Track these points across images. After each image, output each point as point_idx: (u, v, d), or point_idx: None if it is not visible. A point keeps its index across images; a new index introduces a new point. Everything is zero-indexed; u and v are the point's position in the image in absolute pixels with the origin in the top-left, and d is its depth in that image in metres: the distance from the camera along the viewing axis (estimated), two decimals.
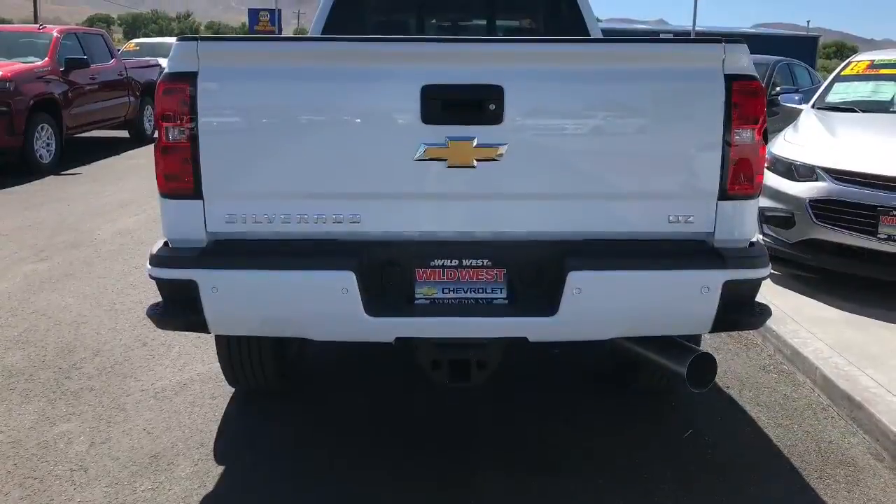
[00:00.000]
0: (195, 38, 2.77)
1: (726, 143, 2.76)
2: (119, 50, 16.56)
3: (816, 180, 5.52)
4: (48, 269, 6.19)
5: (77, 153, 12.28)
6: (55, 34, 12.02)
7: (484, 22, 5.87)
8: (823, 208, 5.44)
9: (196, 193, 2.78)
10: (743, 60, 2.77)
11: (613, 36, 4.91)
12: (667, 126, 2.79)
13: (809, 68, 14.38)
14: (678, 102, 2.81)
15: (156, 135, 2.81)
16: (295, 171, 2.79)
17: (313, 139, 2.78)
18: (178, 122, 2.72)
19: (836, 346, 4.47)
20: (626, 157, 2.80)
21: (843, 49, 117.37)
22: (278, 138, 2.77)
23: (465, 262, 2.87)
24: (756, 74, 2.82)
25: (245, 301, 2.80)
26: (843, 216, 5.34)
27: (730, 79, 2.74)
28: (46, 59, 11.35)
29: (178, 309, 2.84)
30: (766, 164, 3.36)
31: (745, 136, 2.77)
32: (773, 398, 4.08)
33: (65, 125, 11.41)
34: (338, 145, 2.75)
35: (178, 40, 2.80)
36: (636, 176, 2.82)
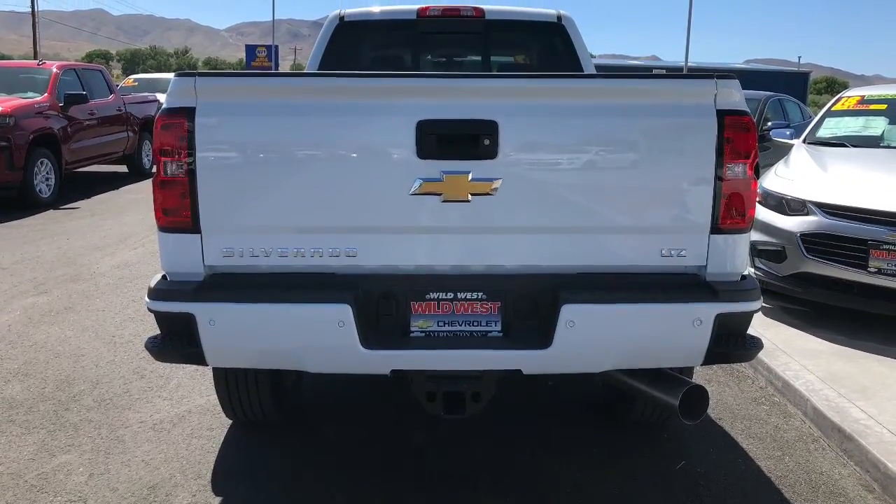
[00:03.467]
0: (193, 74, 2.84)
1: (718, 178, 2.83)
2: (118, 85, 16.73)
3: (807, 214, 5.60)
4: (47, 302, 6.23)
5: (76, 188, 12.39)
6: (54, 70, 12.18)
7: (479, 58, 5.97)
8: (814, 242, 5.51)
9: (194, 227, 2.84)
10: (735, 95, 2.85)
11: (607, 71, 5.03)
12: (659, 161, 2.85)
13: (800, 104, 14.56)
14: (671, 137, 2.87)
15: (154, 169, 2.87)
16: (292, 205, 2.84)
17: (310, 174, 2.84)
18: (177, 156, 2.79)
19: (827, 379, 4.52)
20: (619, 192, 2.86)
21: (834, 84, 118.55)
22: (275, 173, 2.83)
23: (461, 296, 2.93)
24: (748, 109, 2.89)
25: (242, 334, 2.85)
26: (833, 250, 5.41)
27: (722, 114, 2.81)
28: (46, 94, 11.49)
29: (176, 341, 2.89)
30: (757, 199, 3.44)
31: (736, 170, 2.84)
32: (764, 430, 4.12)
33: (64, 160, 11.51)
34: (334, 180, 2.81)
35: (175, 76, 2.85)
36: (629, 210, 2.88)
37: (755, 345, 2.98)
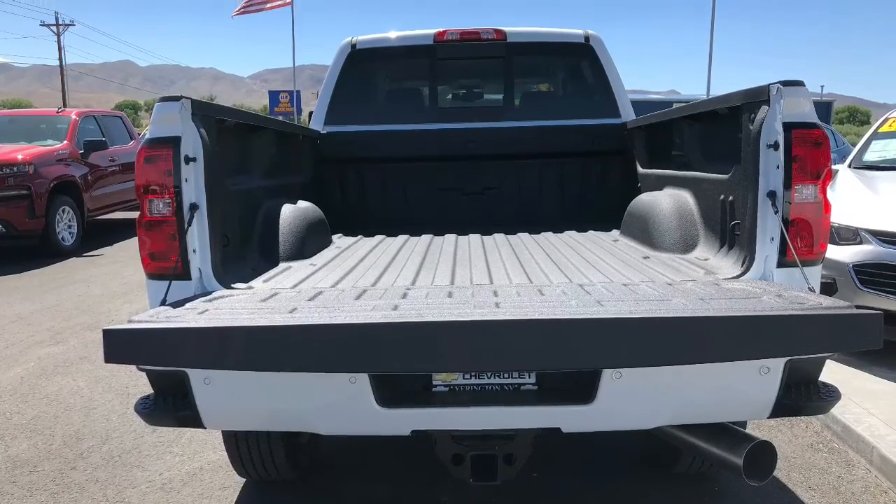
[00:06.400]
0: (178, 98, 2.63)
1: (785, 202, 2.56)
2: (140, 133, 16.81)
3: (860, 243, 5.28)
4: (63, 352, 6.06)
5: (99, 235, 12.34)
6: (74, 117, 12.16)
7: (500, 86, 5.73)
8: (869, 273, 5.18)
9: (184, 273, 2.62)
10: (804, 105, 2.57)
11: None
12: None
13: (832, 129, 14.32)
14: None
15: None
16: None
17: None
18: (163, 193, 2.57)
19: (894, 422, 4.14)
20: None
21: (857, 113, 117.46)
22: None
23: None
24: (819, 122, 2.62)
25: (241, 394, 2.53)
26: (890, 281, 5.07)
27: (789, 128, 2.54)
28: (66, 141, 11.47)
29: (169, 403, 2.60)
30: None
31: (805, 193, 2.56)
32: (825, 480, 3.76)
33: (86, 207, 11.47)
34: None
35: (159, 101, 2.64)
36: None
37: (831, 394, 2.60)
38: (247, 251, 3.29)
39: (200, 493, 3.65)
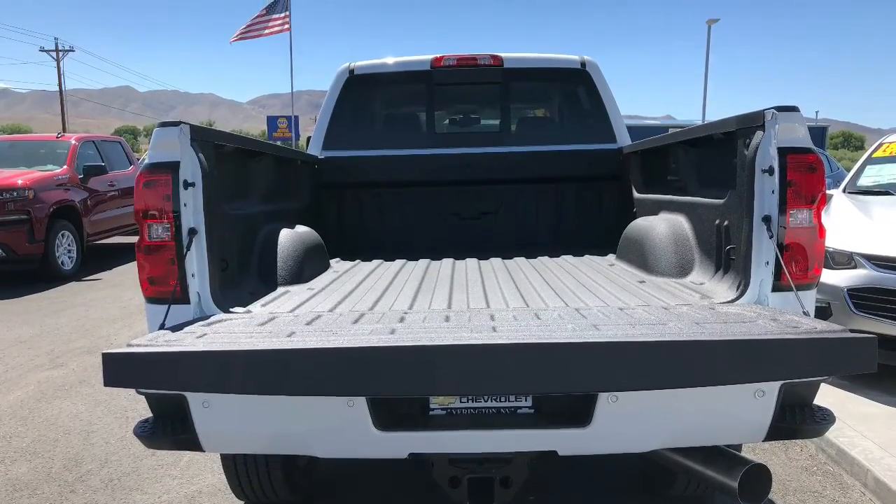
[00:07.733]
0: (177, 124, 2.66)
1: (780, 227, 2.58)
2: (139, 158, 16.89)
3: (855, 267, 5.31)
4: (62, 375, 6.07)
5: (98, 259, 12.37)
6: (73, 142, 12.22)
7: (497, 111, 5.77)
8: (863, 297, 5.21)
9: (183, 297, 2.64)
10: (798, 130, 2.60)
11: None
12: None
13: (826, 154, 14.42)
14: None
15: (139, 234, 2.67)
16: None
17: None
18: (162, 218, 2.60)
19: (887, 445, 4.17)
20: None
21: (851, 138, 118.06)
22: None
23: None
24: (814, 147, 2.65)
25: (239, 417, 2.56)
26: (885, 305, 5.10)
27: (784, 153, 2.57)
28: (65, 166, 11.53)
29: (168, 426, 2.61)
30: None
31: (800, 218, 2.58)
32: None
33: (85, 231, 11.50)
34: None
35: (158, 126, 2.67)
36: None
37: (826, 417, 2.62)
38: (245, 275, 3.31)
39: None
